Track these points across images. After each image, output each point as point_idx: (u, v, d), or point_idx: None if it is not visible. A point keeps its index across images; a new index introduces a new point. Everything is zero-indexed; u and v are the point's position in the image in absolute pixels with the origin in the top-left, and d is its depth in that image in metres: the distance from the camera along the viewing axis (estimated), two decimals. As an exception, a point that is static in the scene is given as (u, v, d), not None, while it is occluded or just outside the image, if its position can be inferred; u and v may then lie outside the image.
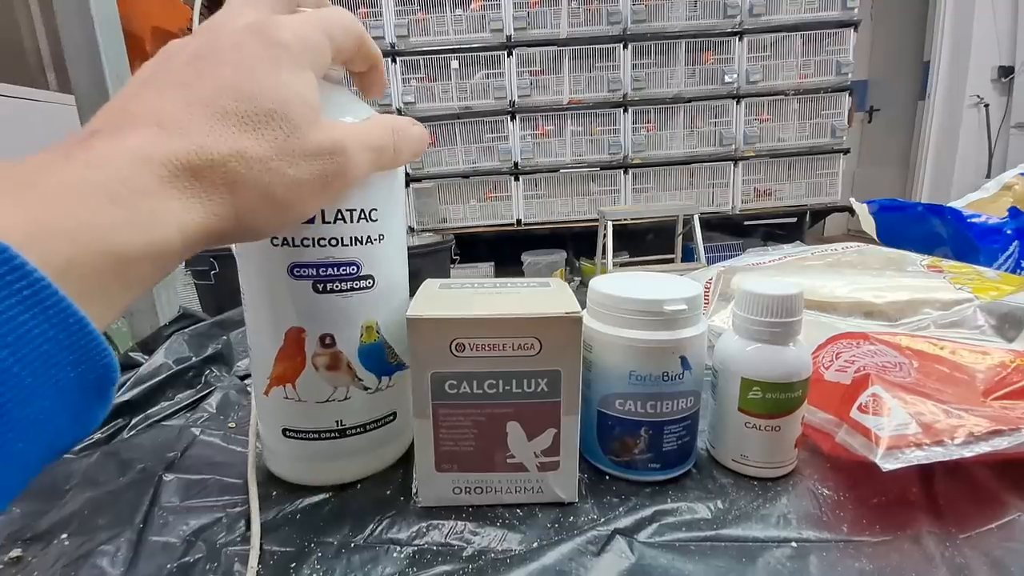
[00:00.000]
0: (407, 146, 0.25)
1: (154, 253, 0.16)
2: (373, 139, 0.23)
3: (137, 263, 0.15)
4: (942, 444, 0.25)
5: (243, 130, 0.18)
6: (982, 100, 3.01)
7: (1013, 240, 0.47)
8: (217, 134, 0.18)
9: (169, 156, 0.17)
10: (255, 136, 0.19)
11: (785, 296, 0.28)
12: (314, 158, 0.20)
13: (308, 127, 0.20)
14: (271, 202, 0.19)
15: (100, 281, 0.14)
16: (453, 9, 2.63)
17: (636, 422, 0.29)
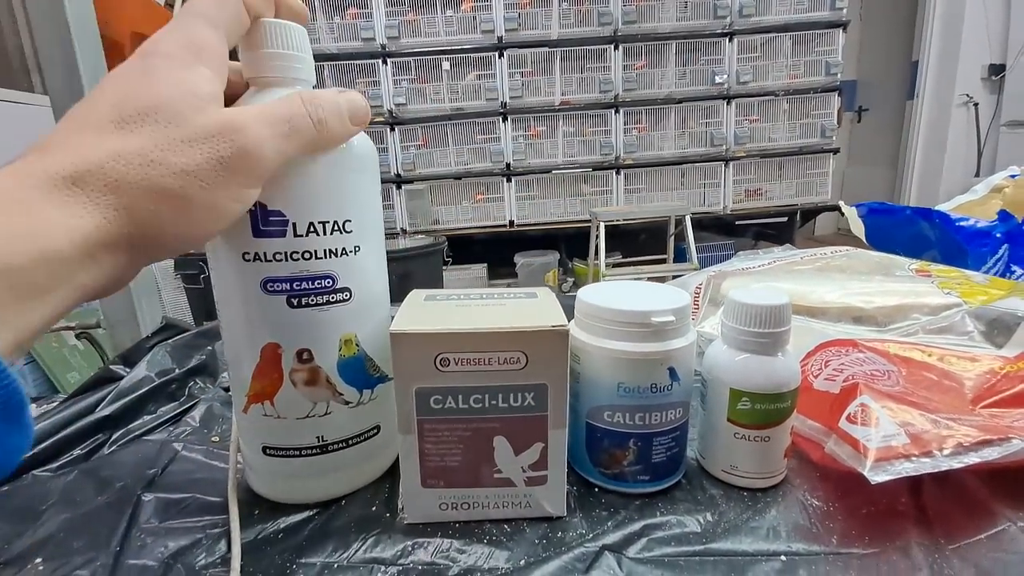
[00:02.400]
0: (332, 116, 0.24)
1: (43, 260, 0.16)
2: (276, 112, 0.22)
3: (24, 273, 0.16)
4: (930, 455, 0.25)
5: (119, 133, 0.19)
6: (971, 99, 3.04)
7: (1003, 243, 0.47)
8: (92, 142, 0.18)
9: (46, 170, 0.17)
10: (131, 135, 0.19)
11: (773, 307, 0.27)
12: (202, 142, 0.20)
13: (192, 114, 0.20)
14: (165, 196, 0.19)
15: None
16: (444, 10, 2.62)
17: (625, 434, 0.28)
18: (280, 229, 0.25)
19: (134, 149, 0.18)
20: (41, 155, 0.18)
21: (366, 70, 2.68)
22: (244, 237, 0.25)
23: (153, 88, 0.20)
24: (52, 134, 0.19)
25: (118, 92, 0.20)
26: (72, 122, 0.19)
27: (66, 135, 0.19)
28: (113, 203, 0.18)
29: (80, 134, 0.19)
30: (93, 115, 0.19)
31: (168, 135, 0.19)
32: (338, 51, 2.65)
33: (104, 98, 0.20)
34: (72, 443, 0.35)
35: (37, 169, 0.17)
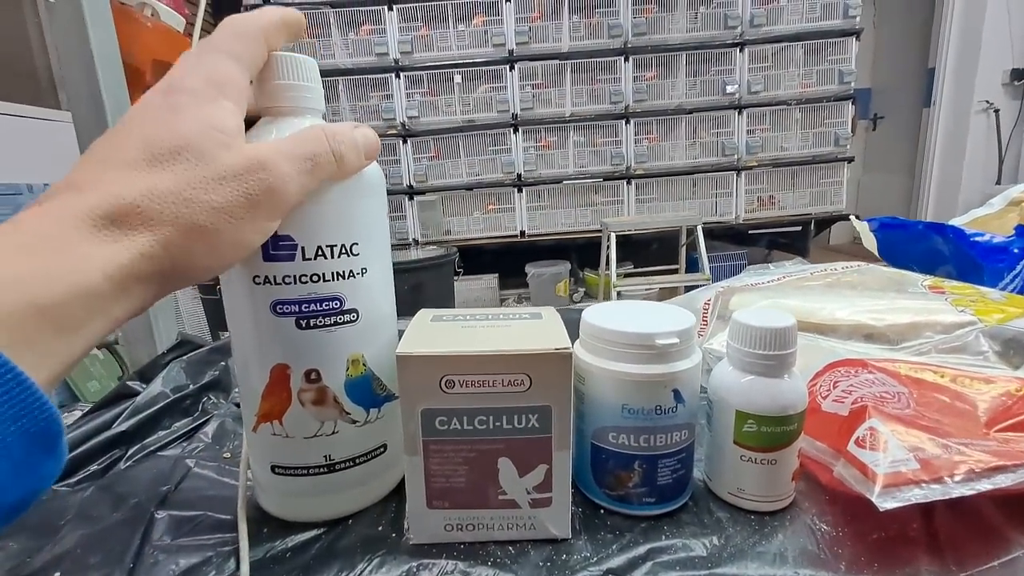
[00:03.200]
0: (350, 151, 0.25)
1: (80, 296, 0.17)
2: (302, 148, 0.23)
3: (63, 308, 0.16)
4: (941, 481, 0.24)
5: (151, 171, 0.19)
6: (992, 105, 2.99)
7: (1020, 259, 0.46)
8: (125, 180, 0.19)
9: (83, 209, 0.18)
10: (163, 173, 0.19)
11: (778, 328, 0.27)
12: (232, 180, 0.20)
13: (220, 152, 0.20)
14: (198, 232, 0.20)
15: (27, 331, 0.15)
16: (456, 25, 2.66)
17: (630, 455, 0.28)
18: (289, 253, 0.25)
19: (167, 187, 0.19)
20: (76, 195, 0.18)
21: (379, 84, 2.73)
22: (255, 261, 0.25)
23: (181, 126, 0.20)
24: (81, 170, 0.20)
25: (146, 129, 0.20)
26: (101, 159, 0.20)
27: (98, 172, 0.19)
28: (148, 240, 0.19)
29: (112, 172, 0.19)
30: (123, 152, 0.20)
31: (199, 173, 0.20)
32: (352, 66, 2.70)
33: (132, 135, 0.20)
34: (90, 458, 0.36)
35: (75, 209, 0.18)
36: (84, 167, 0.20)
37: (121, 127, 0.21)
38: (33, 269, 0.16)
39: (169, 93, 0.21)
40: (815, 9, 2.60)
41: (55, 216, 0.18)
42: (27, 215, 0.18)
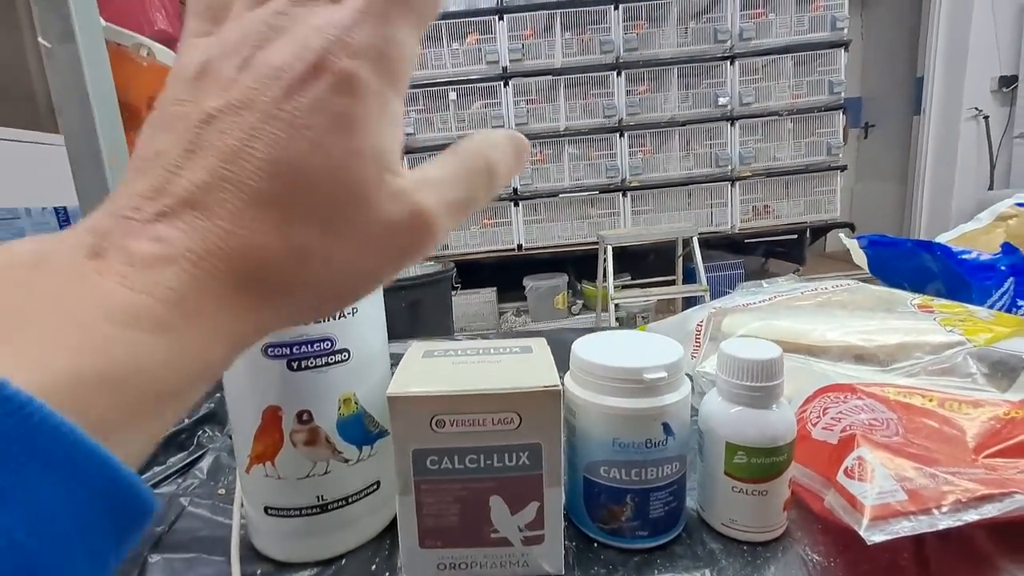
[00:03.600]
0: (504, 177, 0.19)
1: (196, 378, 0.13)
2: (461, 196, 0.17)
3: (179, 394, 0.13)
4: (928, 513, 0.25)
5: (300, 218, 0.14)
6: (981, 112, 3.03)
7: (1008, 276, 0.47)
8: (263, 225, 0.13)
9: (216, 263, 0.13)
10: (314, 225, 0.14)
11: (764, 360, 0.28)
12: (389, 238, 0.15)
13: (380, 196, 0.15)
14: (332, 297, 0.16)
15: (138, 420, 0.12)
16: (450, 43, 2.70)
17: (622, 489, 0.29)
18: (281, 297, 0.26)
19: (318, 249, 0.14)
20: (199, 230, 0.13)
21: (375, 102, 2.76)
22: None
23: (347, 159, 0.14)
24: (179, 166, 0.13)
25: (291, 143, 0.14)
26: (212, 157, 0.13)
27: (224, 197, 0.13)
28: (282, 305, 0.14)
29: (242, 203, 0.13)
30: (248, 171, 0.13)
31: (357, 232, 0.15)
32: (348, 85, 2.74)
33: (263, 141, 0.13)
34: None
35: (204, 261, 0.13)
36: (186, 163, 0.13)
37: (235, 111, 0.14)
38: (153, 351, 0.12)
39: (337, 89, 0.14)
40: (803, 22, 2.64)
41: (176, 267, 0.12)
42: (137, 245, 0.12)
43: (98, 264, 0.12)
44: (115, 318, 0.11)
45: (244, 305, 0.14)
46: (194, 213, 0.13)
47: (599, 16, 2.65)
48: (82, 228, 0.13)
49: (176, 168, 0.13)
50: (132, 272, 0.12)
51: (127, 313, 0.12)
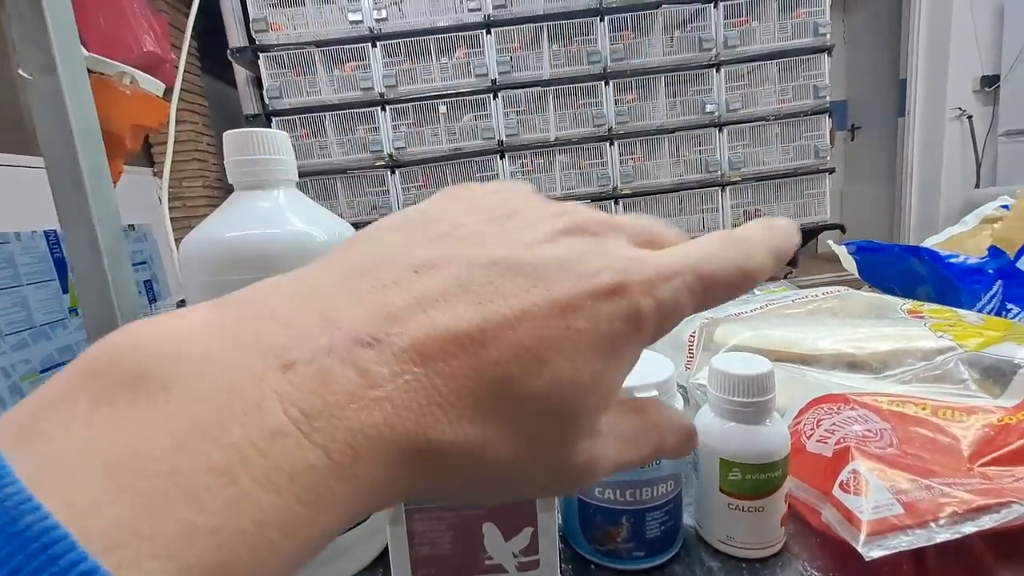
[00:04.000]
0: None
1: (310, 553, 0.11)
2: (629, 460, 0.16)
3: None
4: (925, 526, 0.24)
5: (499, 416, 0.12)
6: (964, 112, 3.07)
7: (996, 279, 0.47)
8: (469, 417, 0.12)
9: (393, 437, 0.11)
10: (509, 429, 0.12)
11: (755, 376, 0.27)
12: (559, 476, 0.14)
13: (580, 433, 0.14)
14: (478, 497, 0.14)
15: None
16: (439, 57, 2.72)
17: (617, 510, 0.28)
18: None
19: (500, 456, 0.12)
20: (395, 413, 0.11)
21: (366, 117, 2.77)
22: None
23: (586, 379, 0.13)
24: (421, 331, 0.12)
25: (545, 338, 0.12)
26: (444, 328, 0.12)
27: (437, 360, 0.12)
28: (425, 487, 0.12)
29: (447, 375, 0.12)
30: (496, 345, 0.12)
31: (545, 457, 0.13)
32: (339, 101, 2.74)
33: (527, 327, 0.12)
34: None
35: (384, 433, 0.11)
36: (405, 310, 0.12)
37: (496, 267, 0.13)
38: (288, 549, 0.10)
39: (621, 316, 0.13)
40: (786, 28, 2.69)
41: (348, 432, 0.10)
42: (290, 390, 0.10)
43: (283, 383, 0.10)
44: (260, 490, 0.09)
45: (401, 485, 0.12)
46: (420, 370, 0.11)
47: (585, 28, 2.68)
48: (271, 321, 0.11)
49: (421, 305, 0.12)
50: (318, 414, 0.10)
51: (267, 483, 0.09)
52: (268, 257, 0.26)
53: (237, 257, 0.26)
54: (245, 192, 0.27)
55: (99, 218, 0.37)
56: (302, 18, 2.71)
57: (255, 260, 0.26)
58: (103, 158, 0.40)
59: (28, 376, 2.15)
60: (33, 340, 1.99)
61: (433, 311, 0.12)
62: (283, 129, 2.49)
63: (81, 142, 0.36)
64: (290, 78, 2.72)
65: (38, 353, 2.07)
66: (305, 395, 0.10)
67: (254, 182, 0.27)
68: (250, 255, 0.26)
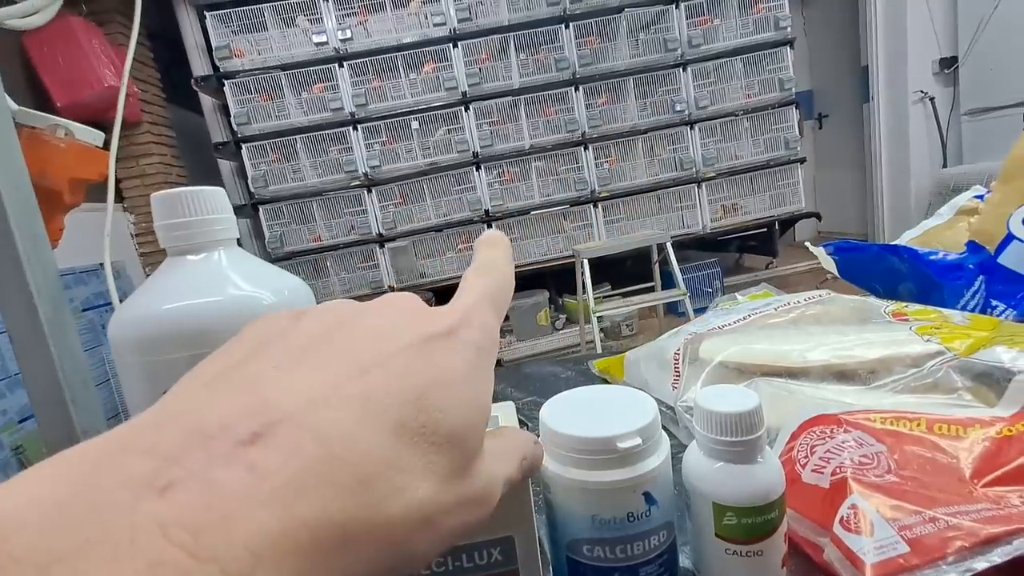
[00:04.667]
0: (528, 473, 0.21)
1: None
2: (508, 473, 0.17)
3: None
4: (934, 565, 0.23)
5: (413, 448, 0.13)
6: (927, 94, 3.14)
7: (977, 275, 0.46)
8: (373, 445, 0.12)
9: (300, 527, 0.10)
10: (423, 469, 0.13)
11: (742, 413, 0.26)
12: (472, 506, 0.14)
13: (478, 459, 0.15)
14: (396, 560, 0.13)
15: None
16: (407, 73, 2.70)
17: (608, 568, 0.26)
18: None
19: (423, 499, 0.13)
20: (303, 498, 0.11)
21: (338, 138, 2.74)
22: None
23: (465, 396, 0.14)
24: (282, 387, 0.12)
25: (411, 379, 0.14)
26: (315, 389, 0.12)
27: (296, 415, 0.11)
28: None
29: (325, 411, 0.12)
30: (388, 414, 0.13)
31: (450, 491, 0.13)
32: (309, 123, 2.71)
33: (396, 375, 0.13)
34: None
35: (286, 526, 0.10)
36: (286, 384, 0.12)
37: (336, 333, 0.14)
38: None
39: (452, 332, 0.15)
40: (747, 24, 2.73)
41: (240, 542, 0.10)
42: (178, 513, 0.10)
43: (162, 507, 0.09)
44: None
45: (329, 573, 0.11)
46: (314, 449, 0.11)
47: (551, 35, 2.69)
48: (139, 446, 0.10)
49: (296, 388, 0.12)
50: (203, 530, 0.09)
51: None
52: (210, 330, 0.24)
53: (175, 332, 0.24)
54: (179, 258, 0.25)
55: (38, 287, 0.34)
56: (266, 43, 2.68)
57: (196, 334, 0.24)
58: (38, 219, 0.37)
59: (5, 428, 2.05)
60: (9, 390, 1.91)
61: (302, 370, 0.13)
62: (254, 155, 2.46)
63: (11, 204, 0.33)
64: (257, 103, 2.68)
65: (15, 403, 1.98)
66: (190, 512, 0.09)
67: (188, 246, 0.25)
68: (190, 329, 0.24)
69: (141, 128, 2.57)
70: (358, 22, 2.66)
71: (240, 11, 2.57)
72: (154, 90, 2.75)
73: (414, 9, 2.65)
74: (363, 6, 2.64)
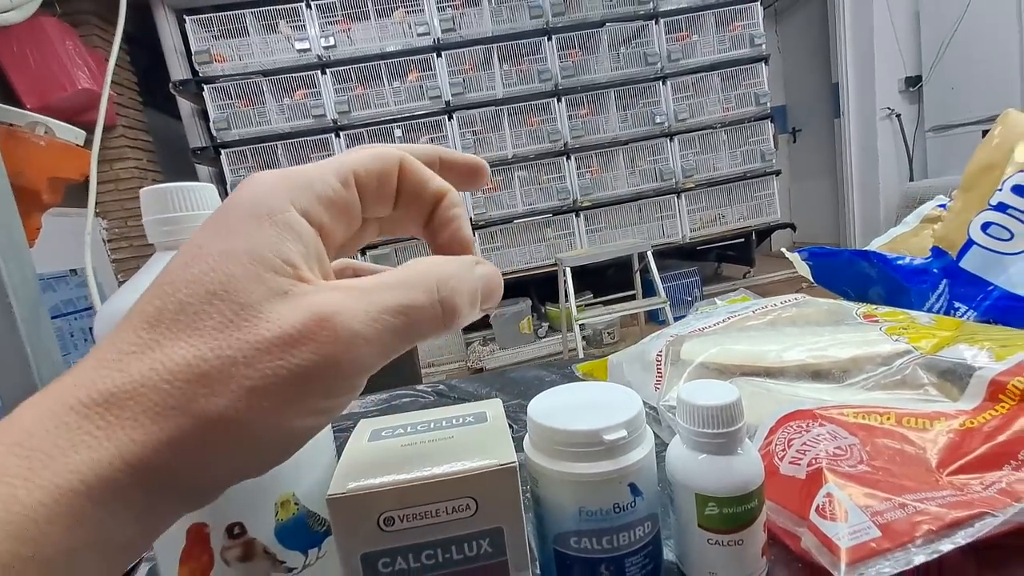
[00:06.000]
0: (464, 298, 0.17)
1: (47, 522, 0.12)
2: (392, 297, 0.15)
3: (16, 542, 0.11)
4: (904, 548, 0.24)
5: (165, 332, 0.14)
6: (893, 111, 3.27)
7: (941, 279, 0.48)
8: (125, 349, 0.14)
9: (71, 396, 0.13)
10: (180, 335, 0.13)
11: (723, 405, 0.27)
12: (278, 347, 0.14)
13: (271, 301, 0.14)
14: (217, 425, 0.13)
15: None
16: (391, 82, 2.71)
17: (595, 559, 0.27)
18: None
19: (180, 358, 0.13)
20: (74, 374, 0.14)
21: (320, 145, 2.72)
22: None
23: (217, 256, 0.14)
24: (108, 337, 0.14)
25: (174, 267, 0.14)
26: (126, 315, 0.15)
27: (109, 338, 0.14)
28: (136, 436, 0.13)
29: (118, 334, 0.14)
30: (139, 304, 0.14)
31: (232, 335, 0.13)
32: (291, 129, 2.69)
33: (160, 278, 0.15)
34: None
35: (63, 396, 0.13)
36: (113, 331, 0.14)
37: (165, 266, 0.15)
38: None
39: (223, 208, 0.15)
40: (724, 41, 2.81)
41: (45, 407, 0.13)
42: (14, 412, 0.13)
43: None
44: None
45: (89, 435, 0.13)
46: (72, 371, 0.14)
47: (534, 47, 2.73)
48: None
49: None
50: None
51: None
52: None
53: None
54: (167, 253, 0.25)
55: (13, 286, 0.34)
56: (247, 48, 2.66)
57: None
58: (15, 218, 0.36)
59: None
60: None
61: None
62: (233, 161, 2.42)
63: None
64: (238, 109, 2.65)
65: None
66: None
67: (177, 242, 0.25)
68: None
69: (116, 132, 2.52)
70: (341, 30, 2.66)
71: (221, 16, 2.55)
72: (130, 93, 2.70)
73: (398, 19, 2.67)
74: (346, 14, 2.64)
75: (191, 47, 2.57)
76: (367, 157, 0.17)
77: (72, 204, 0.74)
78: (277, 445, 0.15)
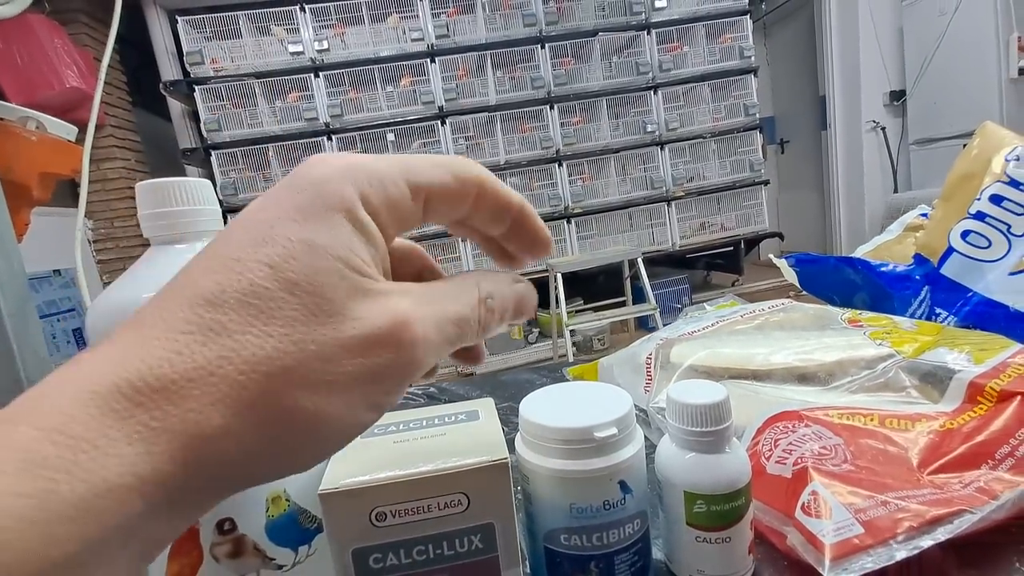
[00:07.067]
0: (498, 316, 0.18)
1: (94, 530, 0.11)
2: (451, 313, 0.16)
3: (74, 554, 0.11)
4: (886, 544, 0.25)
5: (231, 311, 0.13)
6: (878, 124, 3.34)
7: (923, 285, 0.50)
8: (182, 329, 0.12)
9: (115, 383, 0.12)
10: (255, 321, 0.13)
11: (711, 404, 0.27)
12: (364, 348, 0.14)
13: (352, 296, 0.14)
14: (300, 421, 0.13)
15: None
16: (384, 87, 2.71)
17: (585, 556, 0.27)
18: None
19: (260, 350, 0.12)
20: (110, 353, 0.12)
21: (312, 148, 2.72)
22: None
23: (297, 245, 0.13)
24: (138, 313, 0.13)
25: (243, 242, 0.13)
26: (166, 293, 0.13)
27: (154, 309, 0.13)
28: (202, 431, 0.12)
29: (172, 312, 0.13)
30: (195, 279, 0.13)
31: (316, 335, 0.13)
32: (282, 132, 2.68)
33: (219, 252, 0.14)
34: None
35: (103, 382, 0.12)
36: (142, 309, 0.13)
37: (221, 236, 0.14)
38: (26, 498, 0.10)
39: (291, 187, 0.14)
40: (715, 53, 2.86)
41: (86, 388, 0.12)
42: (41, 391, 0.12)
43: None
44: None
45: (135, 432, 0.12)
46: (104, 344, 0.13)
47: (527, 55, 2.75)
48: None
49: None
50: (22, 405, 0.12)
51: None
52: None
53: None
54: (163, 247, 0.25)
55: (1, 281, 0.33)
56: (239, 50, 2.65)
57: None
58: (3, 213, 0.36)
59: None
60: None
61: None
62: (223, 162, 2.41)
63: (-24, 196, 0.32)
64: (229, 110, 2.64)
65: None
66: None
67: (172, 236, 0.25)
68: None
69: (104, 131, 2.49)
70: (335, 34, 2.67)
71: (213, 17, 2.54)
72: (119, 93, 2.67)
73: (392, 24, 2.68)
74: (341, 19, 2.65)
75: (183, 47, 2.55)
76: (448, 178, 0.17)
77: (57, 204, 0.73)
78: (340, 440, 0.15)
